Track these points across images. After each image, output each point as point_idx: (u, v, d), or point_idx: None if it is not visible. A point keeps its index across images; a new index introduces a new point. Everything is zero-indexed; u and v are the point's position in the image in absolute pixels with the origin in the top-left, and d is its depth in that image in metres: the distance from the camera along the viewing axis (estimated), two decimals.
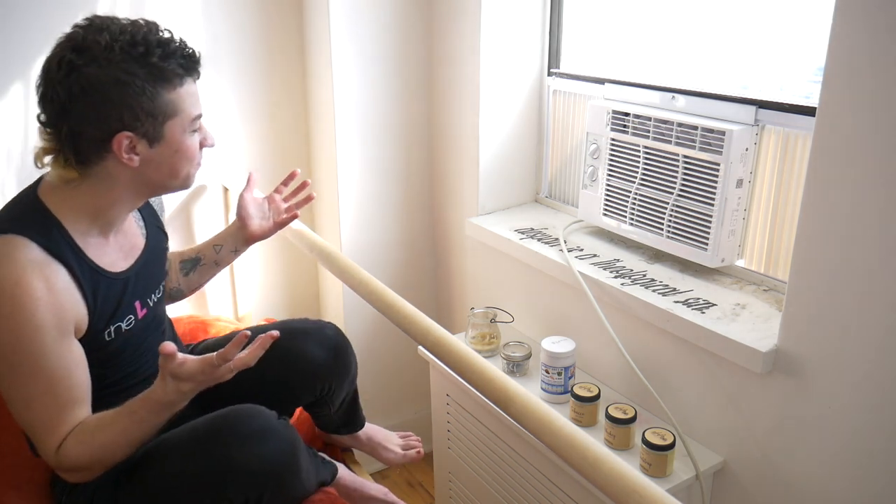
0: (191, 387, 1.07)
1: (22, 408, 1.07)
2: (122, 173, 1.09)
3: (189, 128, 1.11)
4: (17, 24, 1.65)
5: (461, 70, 1.89)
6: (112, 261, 1.16)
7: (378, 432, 1.63)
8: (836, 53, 1.09)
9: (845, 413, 1.20)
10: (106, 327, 1.15)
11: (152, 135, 1.07)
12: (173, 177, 1.14)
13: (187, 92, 1.10)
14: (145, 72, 1.04)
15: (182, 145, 1.11)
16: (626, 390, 1.59)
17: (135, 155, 1.07)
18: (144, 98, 1.04)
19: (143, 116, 1.05)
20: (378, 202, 2.06)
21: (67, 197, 1.10)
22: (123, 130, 1.05)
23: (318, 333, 1.42)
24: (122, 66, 1.02)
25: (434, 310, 2.25)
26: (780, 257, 1.43)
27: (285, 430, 1.19)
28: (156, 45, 1.05)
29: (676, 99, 1.53)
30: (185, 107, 1.09)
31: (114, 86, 1.03)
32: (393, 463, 1.63)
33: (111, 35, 1.03)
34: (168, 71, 1.06)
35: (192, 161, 1.14)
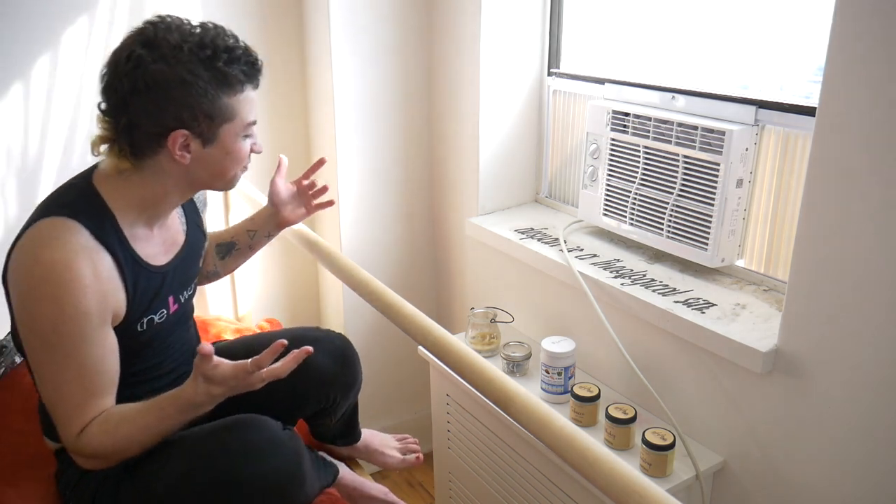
0: (221, 391, 1.10)
1: (51, 388, 1.09)
2: (172, 169, 1.12)
3: (242, 133, 1.14)
4: (17, 24, 1.65)
5: (461, 70, 1.89)
6: (154, 254, 1.19)
7: (374, 438, 1.62)
8: (836, 53, 1.09)
9: (845, 413, 1.20)
10: (140, 319, 1.17)
11: (207, 136, 1.10)
12: (220, 177, 1.17)
13: (246, 98, 1.12)
14: (209, 74, 1.06)
15: (233, 148, 1.14)
16: (626, 390, 1.59)
17: (187, 153, 1.10)
18: (205, 100, 1.07)
19: (200, 117, 1.08)
20: (378, 202, 2.06)
21: (119, 186, 1.13)
22: (180, 128, 1.07)
23: (328, 343, 1.42)
24: (188, 67, 1.05)
25: (434, 310, 2.25)
26: (780, 257, 1.43)
27: (291, 442, 1.19)
28: (223, 49, 1.07)
29: (676, 99, 1.53)
30: (242, 112, 1.12)
31: (178, 85, 1.05)
32: (392, 468, 1.63)
33: (181, 35, 1.06)
34: (231, 76, 1.08)
35: (240, 164, 1.17)
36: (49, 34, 1.69)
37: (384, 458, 1.60)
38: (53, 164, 1.76)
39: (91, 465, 1.13)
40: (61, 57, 1.71)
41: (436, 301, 2.25)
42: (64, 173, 1.76)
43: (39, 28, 1.67)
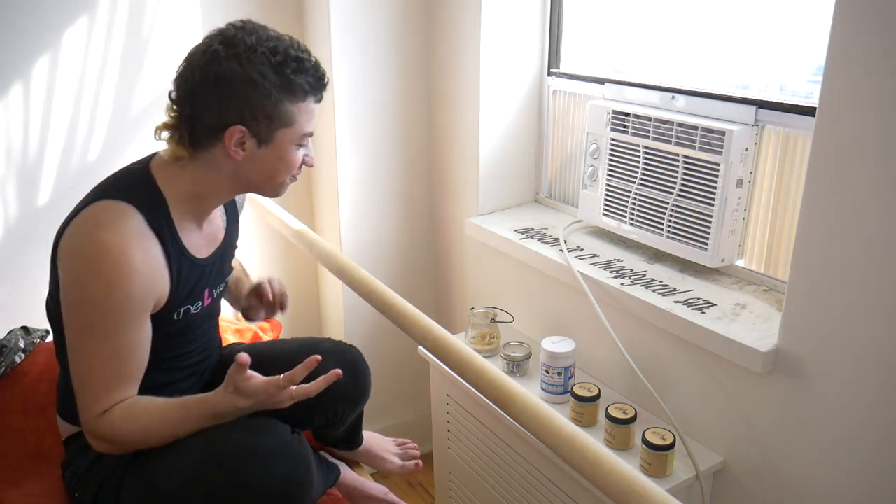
0: (248, 404, 1.13)
1: (83, 366, 1.11)
2: (225, 164, 1.15)
3: (297, 141, 1.17)
4: (17, 24, 1.65)
5: (461, 70, 1.89)
6: (198, 246, 1.22)
7: (375, 442, 1.61)
8: (836, 53, 1.09)
9: (845, 413, 1.20)
10: (178, 308, 1.20)
11: (264, 136, 1.13)
12: (269, 181, 1.20)
13: (307, 109, 1.16)
14: (277, 79, 1.11)
15: (287, 154, 1.17)
16: (626, 390, 1.59)
17: (242, 150, 1.13)
18: (268, 101, 1.11)
19: (260, 117, 1.11)
20: (378, 202, 2.06)
21: (175, 175, 1.16)
22: (239, 124, 1.11)
23: (340, 357, 1.41)
24: (258, 68, 1.09)
25: (434, 310, 2.25)
26: (780, 257, 1.43)
27: (299, 447, 1.19)
28: (293, 59, 1.12)
29: (676, 99, 1.53)
30: (300, 121, 1.16)
31: (245, 83, 1.09)
32: (391, 473, 1.62)
33: (258, 39, 1.11)
34: (296, 84, 1.12)
35: (290, 172, 1.20)
36: (49, 34, 1.69)
37: (384, 464, 1.60)
38: (53, 164, 1.76)
39: (103, 448, 1.15)
40: (61, 57, 1.71)
41: (436, 301, 2.25)
42: (64, 173, 1.76)
43: (39, 28, 1.67)
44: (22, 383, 1.47)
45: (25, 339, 1.55)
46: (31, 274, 1.77)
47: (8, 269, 1.75)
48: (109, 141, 1.81)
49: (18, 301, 1.76)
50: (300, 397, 1.14)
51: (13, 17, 1.64)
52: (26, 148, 1.72)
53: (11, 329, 1.59)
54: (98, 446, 1.15)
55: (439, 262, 2.20)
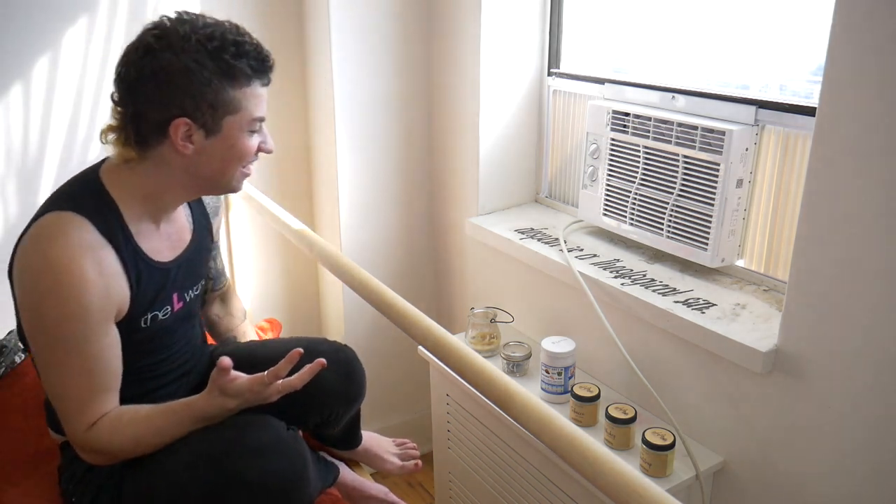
0: (236, 404, 1.12)
1: (56, 384, 1.10)
2: (175, 160, 1.12)
3: (247, 127, 1.14)
4: (17, 24, 1.65)
5: (461, 70, 1.89)
6: (158, 249, 1.19)
7: (374, 442, 1.60)
8: (836, 53, 1.09)
9: (845, 413, 1.20)
10: (143, 314, 1.18)
11: (210, 126, 1.10)
12: (222, 173, 1.16)
13: (252, 93, 1.12)
14: (215, 65, 1.07)
15: (237, 142, 1.13)
16: (626, 390, 1.59)
17: (190, 143, 1.10)
18: (209, 90, 1.07)
19: (203, 107, 1.08)
20: (378, 202, 2.06)
21: (125, 178, 1.14)
22: (183, 117, 1.08)
23: (333, 356, 1.39)
24: (193, 56, 1.06)
25: (434, 310, 2.25)
26: (780, 257, 1.43)
27: (295, 444, 1.18)
28: (231, 43, 1.08)
29: (676, 99, 1.53)
30: (247, 106, 1.12)
31: (182, 73, 1.06)
32: (390, 474, 1.61)
33: (192, 27, 1.08)
34: (236, 69, 1.09)
35: (243, 160, 1.16)
36: (49, 34, 1.69)
37: (383, 464, 1.59)
38: (53, 164, 1.76)
39: (96, 461, 1.15)
40: (61, 57, 1.71)
41: (436, 301, 2.25)
42: (64, 173, 1.76)
43: (39, 28, 1.67)
44: (22, 383, 1.47)
45: None
46: None
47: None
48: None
49: None
50: (287, 390, 1.14)
51: (13, 17, 1.64)
52: (26, 148, 1.72)
53: (11, 329, 1.59)
54: (90, 459, 1.14)
55: (439, 262, 2.20)
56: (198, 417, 1.13)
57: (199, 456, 1.13)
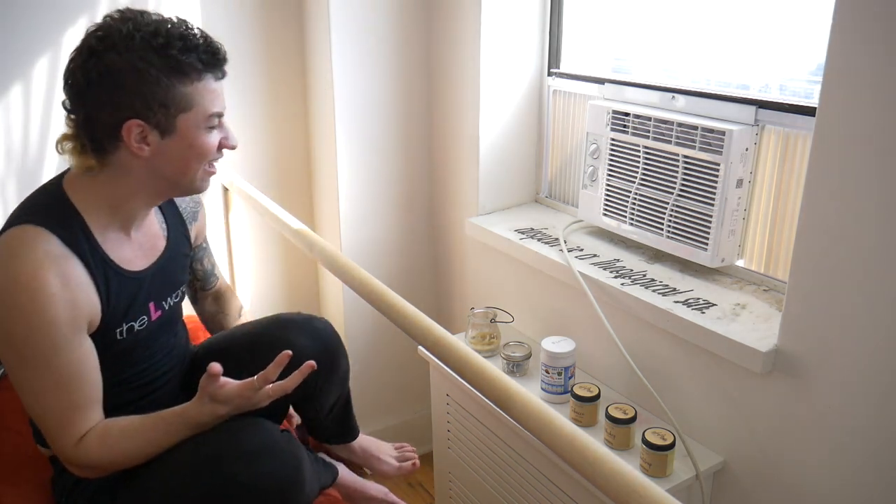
0: (226, 410, 1.12)
1: (32, 400, 1.08)
2: (135, 165, 1.10)
3: (204, 124, 1.10)
4: (16, 24, 1.65)
5: (461, 70, 1.89)
6: (129, 259, 1.17)
7: (371, 444, 1.60)
8: (836, 53, 1.09)
9: (845, 413, 1.20)
10: (118, 325, 1.15)
11: (164, 126, 1.07)
12: (184, 173, 1.13)
13: (205, 88, 1.09)
14: (162, 62, 1.04)
15: (196, 141, 1.10)
16: (626, 390, 1.59)
17: (145, 145, 1.07)
18: (158, 88, 1.04)
19: (155, 106, 1.05)
20: (378, 202, 2.06)
21: (88, 188, 1.11)
22: (134, 118, 1.05)
23: (308, 325, 1.40)
24: (139, 55, 1.03)
25: (434, 310, 2.25)
26: (780, 257, 1.43)
27: (288, 445, 1.17)
28: (177, 38, 1.05)
29: (676, 99, 1.53)
30: (200, 102, 1.08)
31: (128, 73, 1.03)
32: (387, 475, 1.60)
33: (135, 25, 1.04)
34: (185, 64, 1.06)
35: (204, 158, 1.13)
36: (49, 34, 1.68)
37: (380, 465, 1.58)
38: (53, 164, 1.76)
39: (85, 475, 1.13)
40: (61, 57, 1.71)
41: (436, 301, 2.25)
42: None
43: (39, 28, 1.67)
44: None
45: None
46: None
47: None
48: None
49: None
50: (277, 394, 1.14)
51: (13, 17, 1.64)
52: (26, 148, 1.72)
53: None
54: (80, 473, 1.13)
55: (439, 262, 2.20)
56: (190, 425, 1.12)
57: (192, 461, 1.12)
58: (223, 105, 1.13)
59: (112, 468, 1.13)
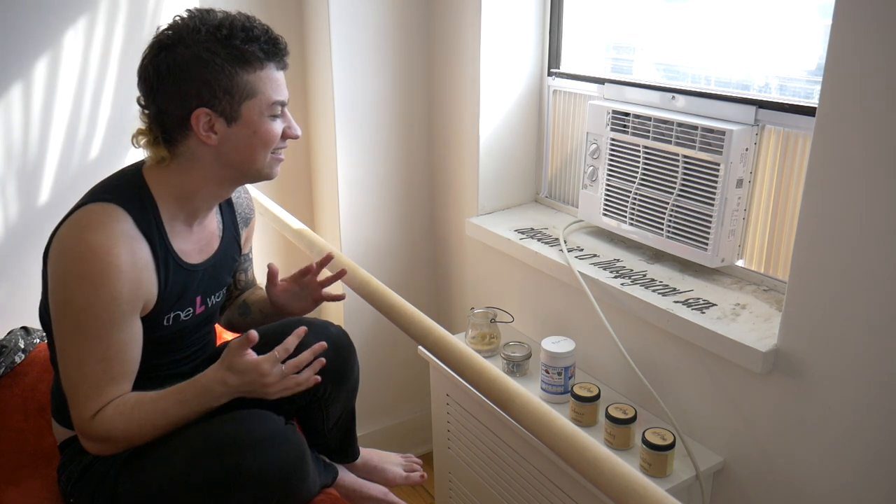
0: (238, 382, 1.13)
1: (74, 367, 1.11)
2: (204, 154, 1.14)
3: (268, 112, 1.15)
4: (17, 24, 1.65)
5: (461, 70, 1.89)
6: (189, 251, 1.21)
7: (374, 456, 1.58)
8: (836, 53, 1.09)
9: (845, 413, 1.20)
10: (167, 313, 1.20)
11: (230, 113, 1.12)
12: (251, 161, 1.17)
13: (268, 76, 1.14)
14: (226, 52, 1.10)
15: (260, 128, 1.14)
16: (626, 390, 1.59)
17: (213, 133, 1.12)
18: (223, 76, 1.09)
19: (220, 94, 1.10)
20: (378, 202, 2.06)
21: (162, 177, 1.17)
22: (202, 107, 1.10)
23: (322, 329, 1.40)
24: (204, 46, 1.09)
25: (434, 310, 2.25)
26: (780, 257, 1.43)
27: (294, 436, 1.19)
28: (240, 29, 1.11)
29: (676, 99, 1.53)
30: (263, 89, 1.13)
31: (195, 63, 1.09)
32: (394, 484, 1.58)
33: (201, 20, 1.10)
34: (248, 53, 1.11)
35: (269, 146, 1.17)
36: (49, 34, 1.69)
37: (385, 475, 1.57)
38: (53, 164, 1.76)
39: (99, 449, 1.15)
40: (62, 57, 1.71)
41: (436, 301, 2.25)
42: (64, 173, 1.76)
43: (39, 28, 1.67)
44: (22, 383, 1.47)
45: (25, 339, 1.55)
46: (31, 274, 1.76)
47: (8, 269, 1.75)
48: (109, 141, 1.81)
49: (18, 301, 1.76)
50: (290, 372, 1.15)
51: (13, 17, 1.64)
52: (26, 148, 1.72)
53: (11, 329, 1.59)
54: (93, 448, 1.14)
55: (439, 262, 2.20)
56: (199, 392, 1.14)
57: (196, 449, 1.13)
58: (286, 94, 1.17)
59: (123, 441, 1.13)
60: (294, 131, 1.20)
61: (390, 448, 1.68)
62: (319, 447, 1.50)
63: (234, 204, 1.36)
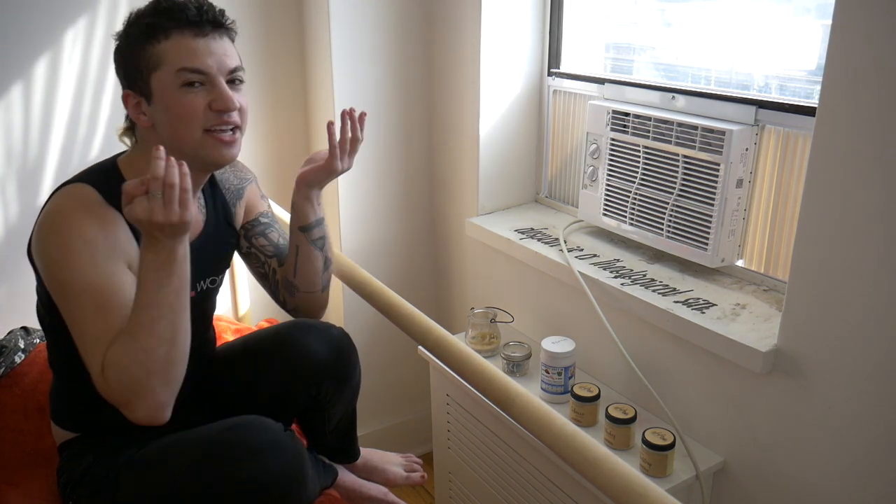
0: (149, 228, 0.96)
1: (77, 329, 1.05)
2: (147, 135, 1.16)
3: (178, 81, 1.07)
4: (17, 24, 1.65)
5: (461, 70, 1.89)
6: None
7: (375, 456, 1.58)
8: (836, 53, 1.09)
9: (845, 413, 1.20)
10: None
11: (144, 90, 1.11)
12: (180, 140, 1.10)
13: (176, 44, 1.07)
14: (136, 30, 1.10)
15: (171, 100, 1.08)
16: (626, 390, 1.59)
17: (142, 114, 1.13)
18: (130, 54, 1.10)
19: (132, 72, 1.11)
20: (378, 202, 2.06)
21: (132, 161, 1.18)
22: (126, 89, 1.13)
23: (324, 331, 1.39)
24: (127, 31, 1.11)
25: (434, 310, 2.25)
26: (780, 257, 1.43)
27: (292, 443, 1.17)
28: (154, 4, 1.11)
29: (676, 99, 1.53)
30: (168, 59, 1.07)
31: (117, 51, 1.13)
32: (395, 484, 1.57)
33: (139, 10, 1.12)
34: (154, 25, 1.09)
35: (188, 121, 1.09)
36: (49, 34, 1.69)
37: (386, 475, 1.56)
38: (53, 164, 1.76)
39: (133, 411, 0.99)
40: (62, 57, 1.71)
41: (436, 301, 2.25)
42: (64, 173, 1.76)
43: (39, 28, 1.67)
44: (22, 383, 1.47)
45: (25, 339, 1.55)
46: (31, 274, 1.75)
47: (8, 269, 1.75)
48: (109, 141, 1.81)
49: (18, 301, 1.76)
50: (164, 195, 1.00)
51: (13, 17, 1.64)
52: (26, 148, 1.72)
53: (11, 329, 1.59)
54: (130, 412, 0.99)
55: (439, 262, 2.20)
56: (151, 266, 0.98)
57: (195, 456, 1.12)
58: (206, 62, 1.08)
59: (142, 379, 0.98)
60: (220, 104, 1.08)
61: (390, 448, 1.68)
62: (320, 448, 1.50)
63: (219, 181, 1.31)
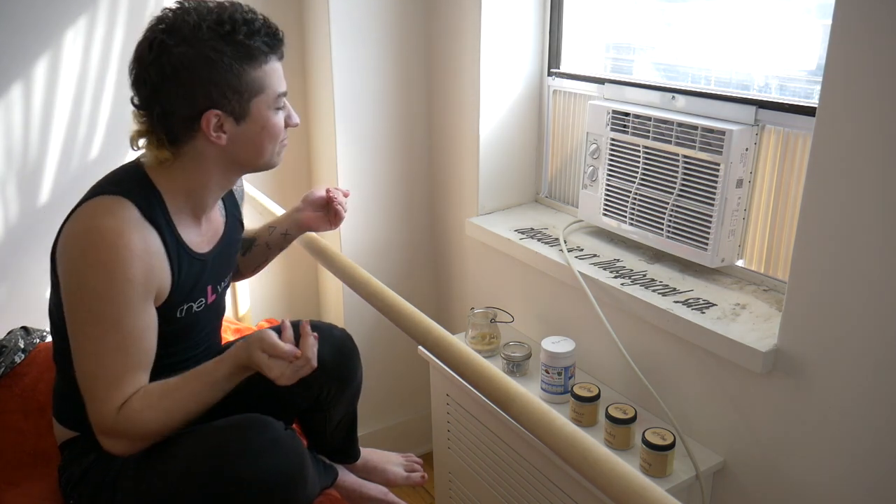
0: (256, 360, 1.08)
1: (92, 359, 1.08)
2: (211, 152, 1.13)
3: (274, 105, 1.14)
4: (17, 24, 1.65)
5: (461, 70, 1.89)
6: (197, 242, 1.21)
7: (375, 456, 1.58)
8: (835, 53, 1.09)
9: (845, 413, 1.20)
10: (180, 304, 1.18)
11: (239, 112, 1.11)
12: (259, 155, 1.17)
13: (272, 69, 1.13)
14: (232, 49, 1.07)
15: (268, 122, 1.14)
16: (626, 390, 1.59)
17: (223, 133, 1.11)
18: (231, 75, 1.08)
19: (229, 94, 1.09)
20: (378, 202, 2.06)
21: (167, 175, 1.15)
22: (211, 108, 1.08)
23: (327, 333, 1.40)
24: (209, 45, 1.06)
25: (434, 310, 2.25)
26: (780, 257, 1.43)
27: (293, 442, 1.17)
28: (241, 23, 1.09)
29: (676, 99, 1.53)
30: (270, 84, 1.12)
31: (202, 64, 1.06)
32: (395, 484, 1.57)
33: (199, 15, 1.07)
34: (253, 48, 1.09)
35: (277, 139, 1.17)
36: (49, 34, 1.69)
37: (386, 475, 1.57)
38: (53, 164, 1.76)
39: (122, 448, 1.11)
40: (62, 57, 1.71)
41: (436, 301, 2.25)
42: (64, 173, 1.76)
43: (39, 28, 1.67)
44: (22, 383, 1.47)
45: (25, 339, 1.55)
46: (31, 274, 1.77)
47: (8, 269, 1.75)
48: (109, 141, 1.81)
49: (18, 301, 1.76)
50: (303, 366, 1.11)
51: (13, 18, 1.64)
52: (26, 148, 1.72)
53: (11, 329, 1.59)
54: (116, 447, 1.10)
55: (439, 262, 2.20)
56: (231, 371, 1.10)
57: (196, 455, 1.12)
58: (285, 84, 1.17)
59: (148, 435, 1.10)
60: (294, 120, 1.19)
61: (390, 448, 1.69)
62: (320, 448, 1.50)
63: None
